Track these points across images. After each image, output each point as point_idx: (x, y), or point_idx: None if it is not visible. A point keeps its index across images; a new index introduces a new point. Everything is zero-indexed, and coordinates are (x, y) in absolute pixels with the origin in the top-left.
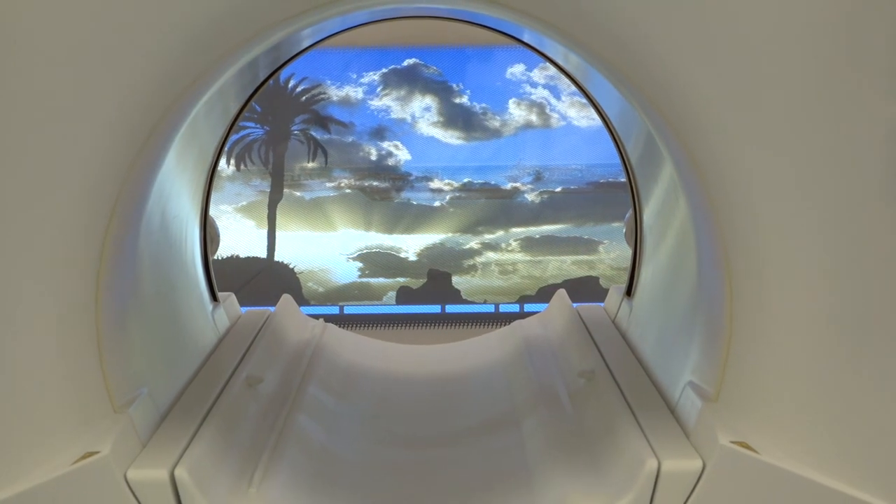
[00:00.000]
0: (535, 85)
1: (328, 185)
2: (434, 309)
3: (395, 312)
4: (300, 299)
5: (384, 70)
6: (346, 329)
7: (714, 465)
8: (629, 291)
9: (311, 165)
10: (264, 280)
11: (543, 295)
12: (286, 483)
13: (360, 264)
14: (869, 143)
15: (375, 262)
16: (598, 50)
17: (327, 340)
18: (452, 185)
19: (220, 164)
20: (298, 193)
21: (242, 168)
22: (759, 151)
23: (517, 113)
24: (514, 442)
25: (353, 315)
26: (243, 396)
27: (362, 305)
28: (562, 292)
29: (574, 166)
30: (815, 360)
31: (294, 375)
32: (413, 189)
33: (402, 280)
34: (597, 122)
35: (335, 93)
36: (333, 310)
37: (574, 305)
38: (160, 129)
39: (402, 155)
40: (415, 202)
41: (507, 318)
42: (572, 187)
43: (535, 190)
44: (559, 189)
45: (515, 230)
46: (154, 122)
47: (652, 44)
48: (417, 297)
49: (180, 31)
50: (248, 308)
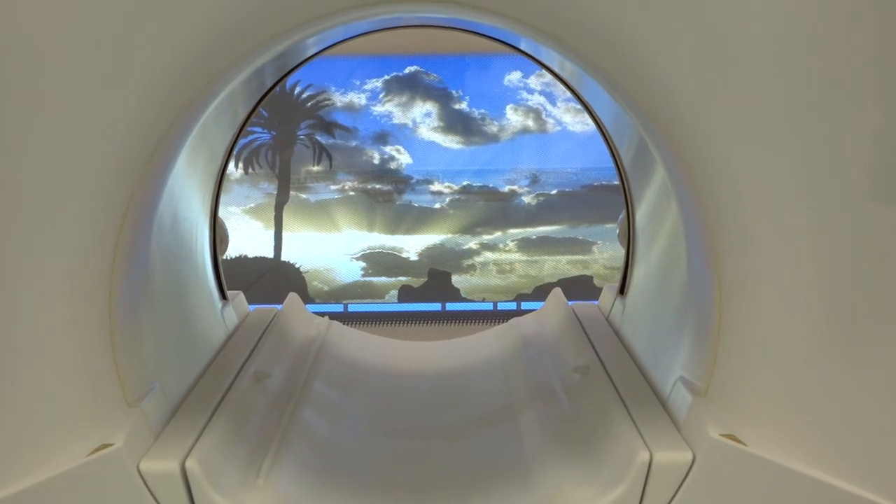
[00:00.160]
0: (531, 91)
1: (332, 187)
2: (434, 307)
3: (397, 310)
4: (306, 298)
5: (386, 77)
6: (350, 326)
7: (703, 456)
8: (622, 290)
9: (316, 169)
10: (271, 279)
11: (539, 293)
12: (293, 474)
13: (363, 264)
14: (859, 144)
15: (378, 261)
16: (592, 57)
17: (332, 337)
18: (452, 187)
19: (229, 167)
20: (304, 196)
21: (250, 171)
22: (749, 154)
23: (514, 118)
24: (511, 434)
25: (357, 313)
26: (251, 391)
27: (366, 303)
28: (557, 291)
29: (569, 170)
30: (801, 356)
31: (300, 371)
32: (414, 192)
33: (403, 279)
34: (591, 127)
35: (339, 99)
36: (338, 308)
37: (569, 303)
38: (171, 133)
39: (403, 159)
40: (416, 204)
41: (505, 316)
42: (567, 190)
43: (531, 192)
44: (555, 192)
45: (513, 231)
46: (165, 128)
47: (644, 51)
48: (418, 295)
49: (191, 38)
50: (255, 306)
